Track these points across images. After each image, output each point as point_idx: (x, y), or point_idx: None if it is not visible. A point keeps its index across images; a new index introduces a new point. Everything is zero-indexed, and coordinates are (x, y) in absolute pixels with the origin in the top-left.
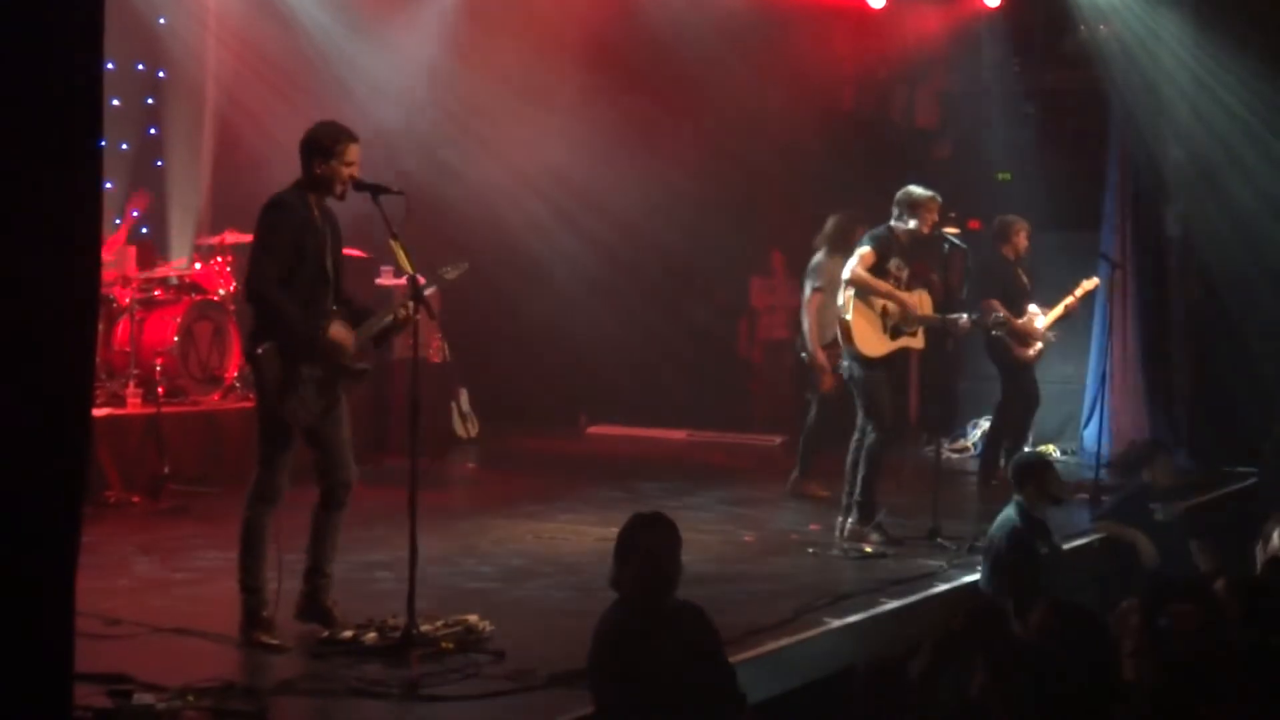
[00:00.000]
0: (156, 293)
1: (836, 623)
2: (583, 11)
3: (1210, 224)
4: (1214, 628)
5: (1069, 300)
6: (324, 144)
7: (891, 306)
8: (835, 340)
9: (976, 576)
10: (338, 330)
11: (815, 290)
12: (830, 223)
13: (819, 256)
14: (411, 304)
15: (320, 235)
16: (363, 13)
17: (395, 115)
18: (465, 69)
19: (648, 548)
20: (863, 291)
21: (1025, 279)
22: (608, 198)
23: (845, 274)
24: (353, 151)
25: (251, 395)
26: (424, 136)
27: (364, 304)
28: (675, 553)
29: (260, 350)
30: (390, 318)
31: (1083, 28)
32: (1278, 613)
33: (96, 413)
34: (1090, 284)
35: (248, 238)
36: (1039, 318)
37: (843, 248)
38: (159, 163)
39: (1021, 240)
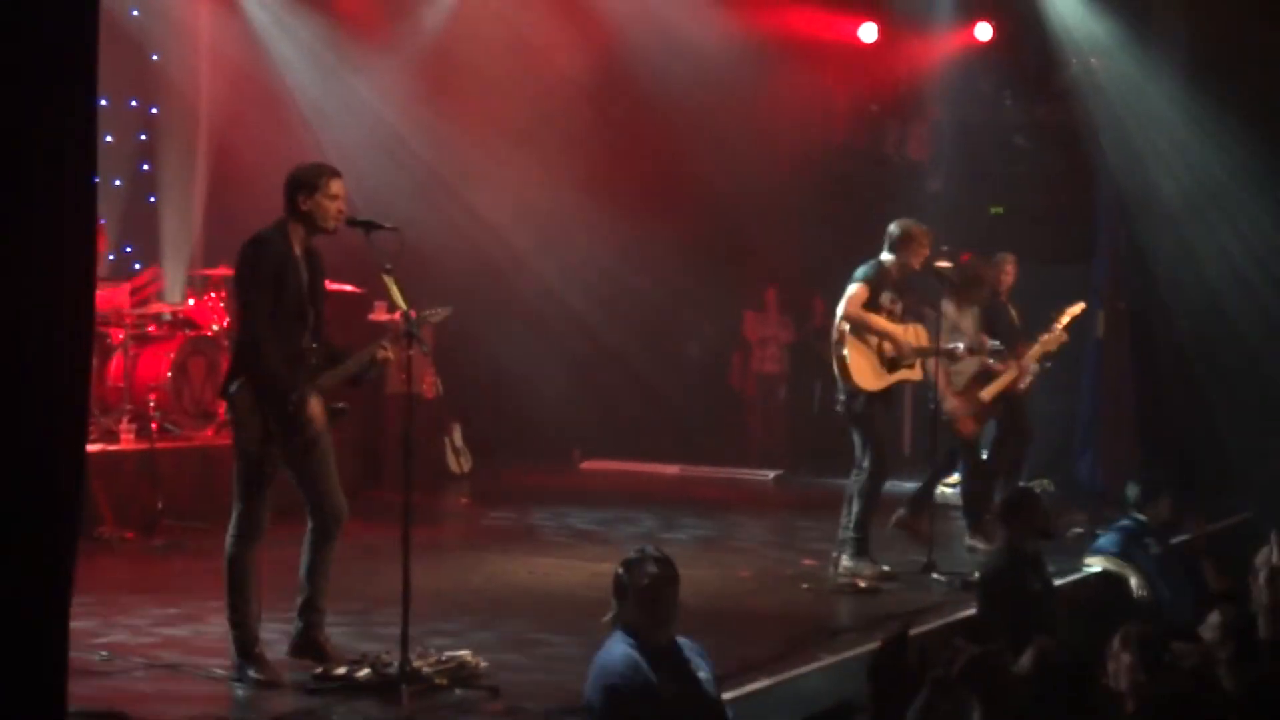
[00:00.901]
0: (150, 329)
1: (831, 658)
2: (577, 49)
3: (1199, 258)
4: (1210, 664)
5: (1055, 327)
6: (306, 180)
7: (888, 346)
8: (967, 386)
9: (971, 611)
10: (315, 406)
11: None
12: (954, 271)
13: (944, 307)
14: (389, 345)
15: (299, 273)
16: (342, 56)
17: (383, 150)
18: (459, 107)
19: (646, 584)
20: (858, 328)
21: (1014, 314)
22: (600, 232)
23: (839, 311)
24: (336, 185)
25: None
26: (413, 171)
27: (341, 347)
28: (673, 590)
29: (234, 388)
30: (368, 359)
31: (1074, 61)
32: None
33: (90, 449)
34: (1075, 309)
35: None
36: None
37: (968, 296)
38: (152, 198)
39: (1007, 275)
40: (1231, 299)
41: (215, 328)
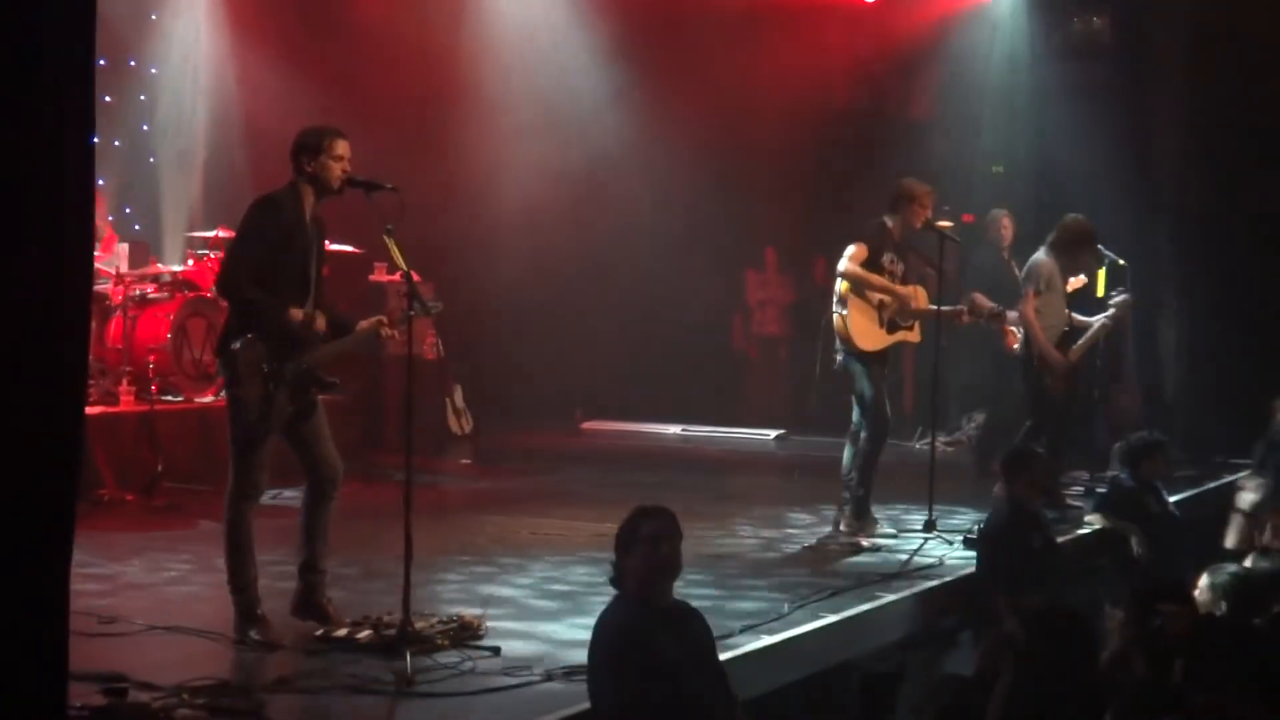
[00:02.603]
0: (149, 290)
1: (833, 617)
2: (579, 6)
3: (1202, 213)
4: (1202, 624)
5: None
6: (310, 142)
7: (888, 300)
8: (1057, 345)
9: (972, 569)
10: (296, 311)
11: (1032, 293)
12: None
13: (1040, 256)
14: (389, 322)
15: (308, 237)
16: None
17: (387, 109)
18: (454, 69)
19: (650, 536)
20: (858, 286)
21: (1015, 271)
22: (601, 192)
23: (839, 269)
24: (341, 146)
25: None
26: (415, 131)
27: (344, 313)
28: (676, 543)
29: (235, 346)
30: (372, 336)
31: (1076, 20)
32: (1259, 599)
33: (90, 411)
34: (1076, 282)
35: None
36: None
37: (1066, 252)
38: (152, 159)
39: (1005, 231)
40: (1231, 255)
41: (215, 289)
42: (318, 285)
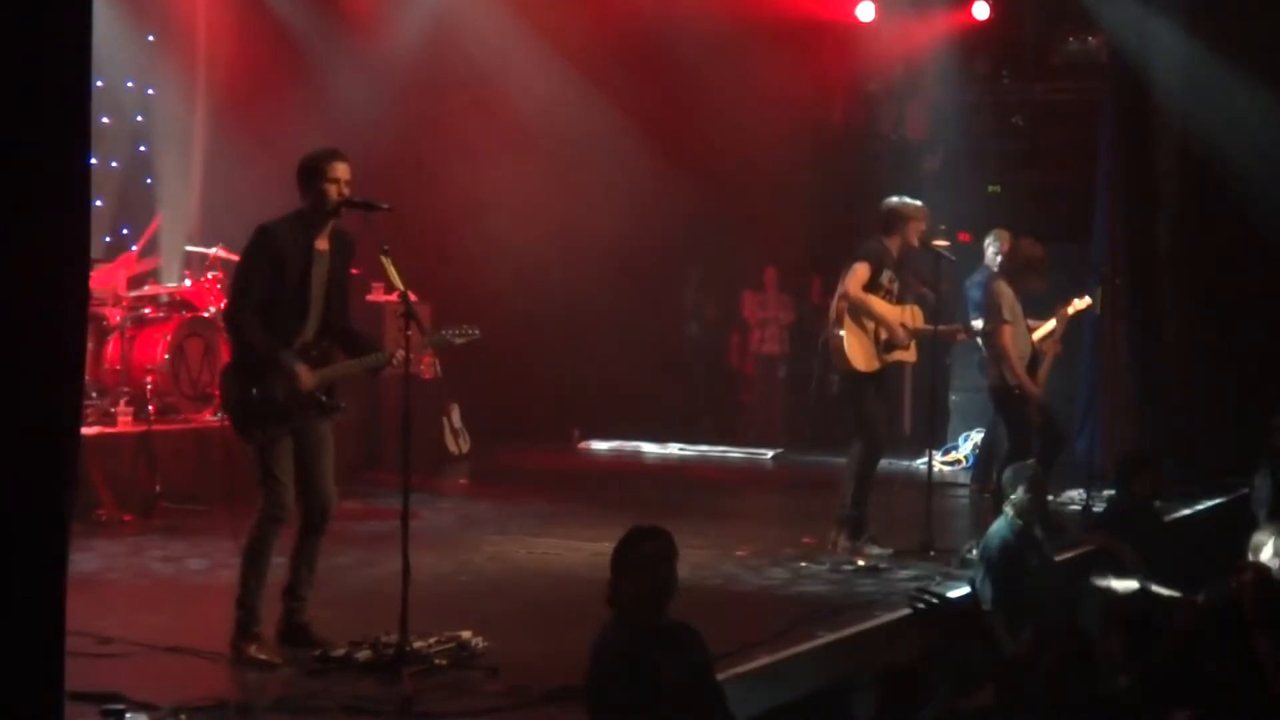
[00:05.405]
0: (147, 310)
1: (830, 636)
2: (574, 27)
3: (1201, 233)
4: (1194, 643)
5: (1057, 318)
6: (310, 165)
7: (884, 325)
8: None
9: (968, 589)
10: (300, 367)
11: (1004, 323)
12: (1010, 255)
13: (997, 285)
14: (402, 351)
15: (308, 264)
16: (347, 28)
17: (383, 130)
18: (457, 88)
19: (646, 557)
20: (855, 309)
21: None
22: (599, 212)
23: (842, 290)
24: (338, 169)
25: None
26: (413, 151)
27: (368, 335)
28: (672, 563)
29: (222, 372)
30: (384, 363)
31: (1072, 39)
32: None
33: (87, 431)
34: (1081, 304)
35: (237, 256)
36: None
37: (1022, 275)
38: (149, 180)
39: (1003, 251)
40: (1231, 272)
41: (212, 309)
42: (322, 311)
